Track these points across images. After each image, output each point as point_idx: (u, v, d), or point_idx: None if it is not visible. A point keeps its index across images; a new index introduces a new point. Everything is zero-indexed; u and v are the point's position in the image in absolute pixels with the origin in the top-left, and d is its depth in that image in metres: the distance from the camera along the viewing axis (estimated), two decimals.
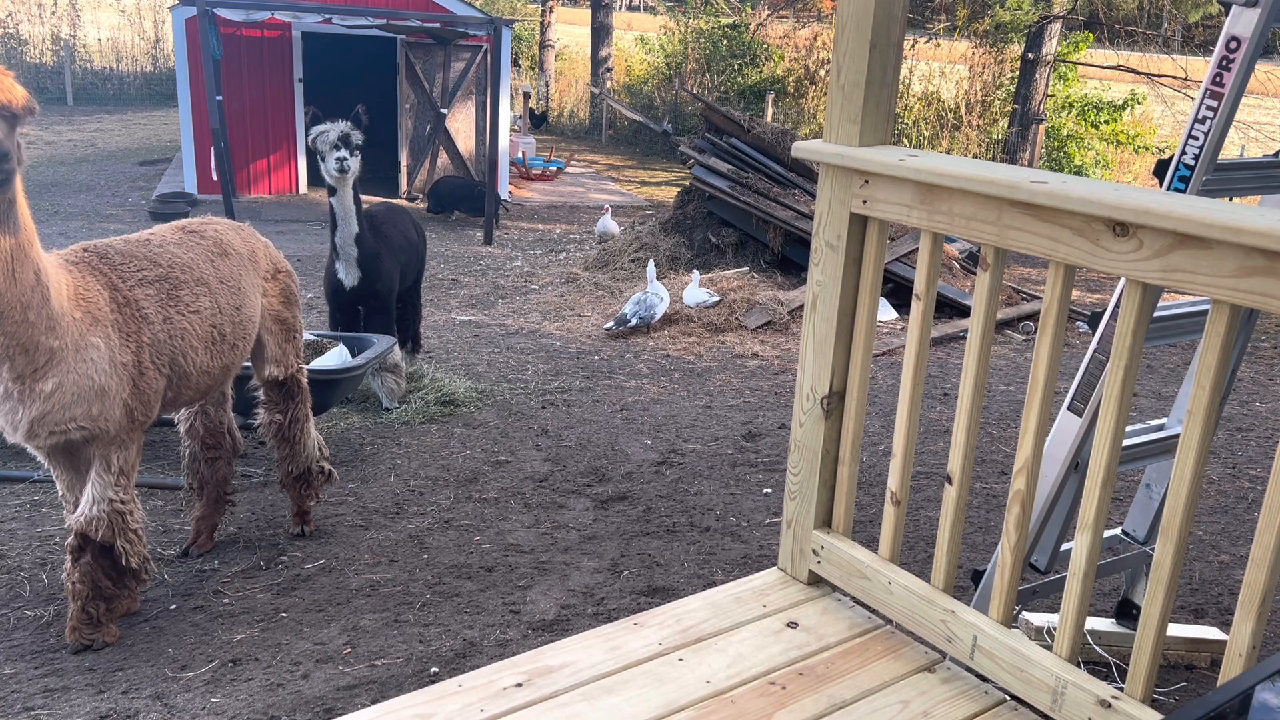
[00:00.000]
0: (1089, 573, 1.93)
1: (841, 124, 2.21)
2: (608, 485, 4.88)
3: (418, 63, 12.69)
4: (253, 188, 12.77)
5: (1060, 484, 2.74)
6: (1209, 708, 1.10)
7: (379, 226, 6.04)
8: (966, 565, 3.99)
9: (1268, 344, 7.87)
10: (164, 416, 5.41)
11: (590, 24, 21.64)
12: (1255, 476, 5.21)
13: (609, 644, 2.20)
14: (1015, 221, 1.90)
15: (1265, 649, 2.86)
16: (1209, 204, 1.68)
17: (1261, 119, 15.08)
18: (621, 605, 3.71)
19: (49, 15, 21.44)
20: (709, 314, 7.92)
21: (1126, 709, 1.83)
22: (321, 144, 5.49)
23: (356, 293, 5.88)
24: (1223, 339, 1.68)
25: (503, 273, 9.63)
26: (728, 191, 9.16)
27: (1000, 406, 6.28)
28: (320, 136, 5.48)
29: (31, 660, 3.27)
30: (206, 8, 9.70)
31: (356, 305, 6.05)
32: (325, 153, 5.47)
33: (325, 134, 5.47)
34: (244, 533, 4.23)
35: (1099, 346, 2.69)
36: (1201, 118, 2.50)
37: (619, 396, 6.21)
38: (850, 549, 2.36)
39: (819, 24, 18.60)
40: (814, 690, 2.07)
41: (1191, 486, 1.74)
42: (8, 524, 4.21)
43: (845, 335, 2.29)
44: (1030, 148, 13.95)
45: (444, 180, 12.58)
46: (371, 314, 6.09)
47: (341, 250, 5.73)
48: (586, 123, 20.96)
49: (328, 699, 3.10)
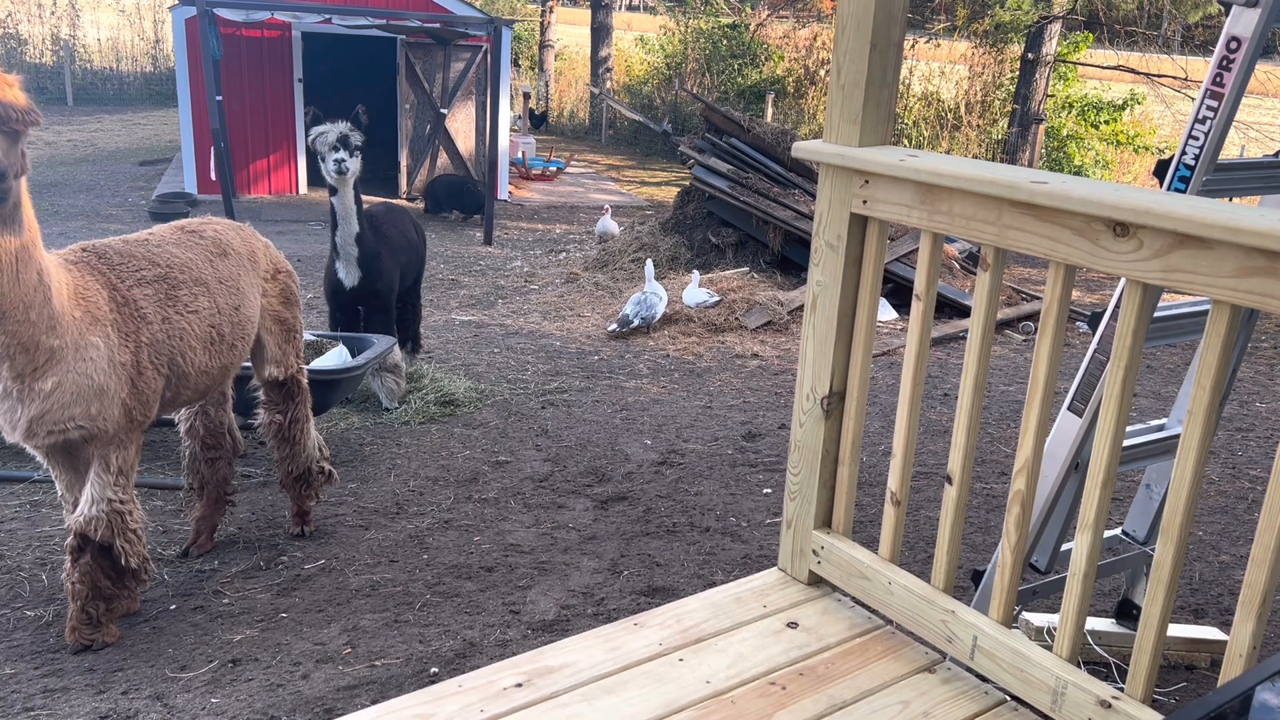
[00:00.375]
0: (1089, 573, 1.93)
1: (841, 124, 2.20)
2: (608, 485, 4.88)
3: (418, 63, 12.69)
4: (252, 188, 12.77)
5: (1060, 484, 2.74)
6: (1209, 708, 1.10)
7: (379, 226, 6.04)
8: (966, 565, 3.99)
9: (1268, 344, 7.87)
10: (164, 417, 5.42)
11: (590, 24, 21.64)
12: (1255, 476, 5.21)
13: (609, 644, 2.20)
14: (1015, 221, 1.90)
15: (1265, 649, 2.86)
16: (1209, 204, 1.67)
17: (1261, 119, 15.09)
18: (621, 605, 3.71)
19: (49, 15, 21.44)
20: (709, 314, 7.92)
21: (1127, 709, 1.83)
22: (321, 145, 5.50)
23: (356, 292, 5.88)
24: (1223, 339, 1.67)
25: (503, 273, 9.63)
26: (728, 191, 9.16)
27: (1000, 406, 6.28)
28: (320, 137, 5.48)
29: (31, 660, 3.27)
30: (206, 8, 9.70)
31: (356, 305, 6.05)
32: (324, 154, 5.48)
33: (324, 135, 5.47)
34: (244, 533, 4.23)
35: (1099, 346, 2.69)
36: (1201, 118, 2.50)
37: (619, 396, 6.21)
38: (850, 549, 2.36)
39: (819, 24, 18.59)
40: (814, 690, 2.07)
41: (1191, 486, 1.74)
42: (8, 524, 4.21)
43: (845, 335, 2.29)
44: (1030, 148, 13.95)
45: (440, 179, 12.60)
46: (371, 314, 6.09)
47: (342, 250, 5.73)
48: (586, 123, 20.96)
49: (328, 699, 3.10)
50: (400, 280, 6.21)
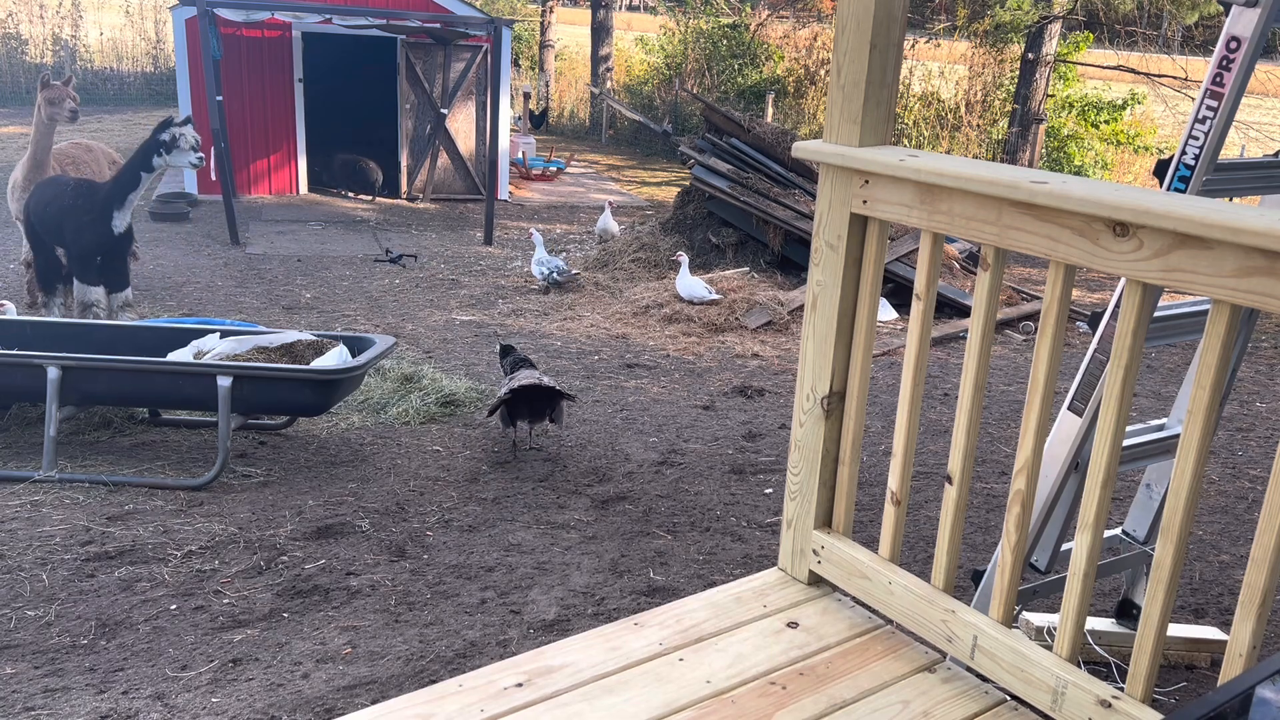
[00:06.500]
0: (1089, 573, 1.93)
1: (841, 124, 2.20)
2: (608, 485, 4.88)
3: (418, 63, 12.69)
4: (253, 188, 12.76)
5: (1060, 484, 2.75)
6: (1209, 708, 1.10)
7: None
8: (966, 565, 3.99)
9: (1268, 344, 7.87)
10: (172, 417, 5.43)
11: (590, 24, 21.62)
12: (1255, 476, 5.21)
13: (609, 644, 2.20)
14: (1015, 221, 1.90)
15: (1265, 649, 2.86)
16: (1209, 204, 1.67)
17: (1261, 119, 15.08)
18: (621, 605, 3.71)
19: (51, 15, 21.42)
20: (709, 314, 7.92)
21: (1127, 709, 1.83)
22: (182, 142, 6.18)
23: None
24: (1223, 339, 1.68)
25: (503, 273, 9.63)
26: (728, 191, 9.16)
27: (1000, 406, 6.28)
28: (181, 137, 6.21)
29: (31, 660, 3.28)
30: (206, 8, 9.70)
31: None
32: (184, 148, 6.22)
33: (184, 135, 6.20)
34: (244, 533, 4.23)
35: (1099, 346, 2.69)
36: (1201, 118, 2.50)
37: (619, 396, 6.21)
38: (850, 549, 2.36)
39: (819, 24, 18.57)
40: (814, 690, 2.07)
41: (1191, 486, 1.74)
42: (8, 524, 4.21)
43: (845, 335, 2.29)
44: (1030, 148, 13.94)
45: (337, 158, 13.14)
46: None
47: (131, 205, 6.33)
48: (586, 123, 20.95)
49: (328, 699, 3.10)
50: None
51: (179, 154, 6.20)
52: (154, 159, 6.18)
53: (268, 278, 8.94)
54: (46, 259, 6.77)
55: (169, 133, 6.15)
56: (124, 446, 5.15)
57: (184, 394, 4.89)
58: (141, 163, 6.19)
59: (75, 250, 6.35)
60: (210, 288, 8.47)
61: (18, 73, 20.05)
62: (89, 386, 4.79)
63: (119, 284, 6.44)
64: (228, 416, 4.68)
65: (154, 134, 6.17)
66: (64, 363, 4.66)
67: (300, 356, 5.09)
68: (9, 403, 5.26)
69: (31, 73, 19.74)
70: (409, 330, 7.50)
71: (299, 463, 5.02)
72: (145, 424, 5.43)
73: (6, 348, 5.10)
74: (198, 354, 5.05)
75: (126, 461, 4.94)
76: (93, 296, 6.31)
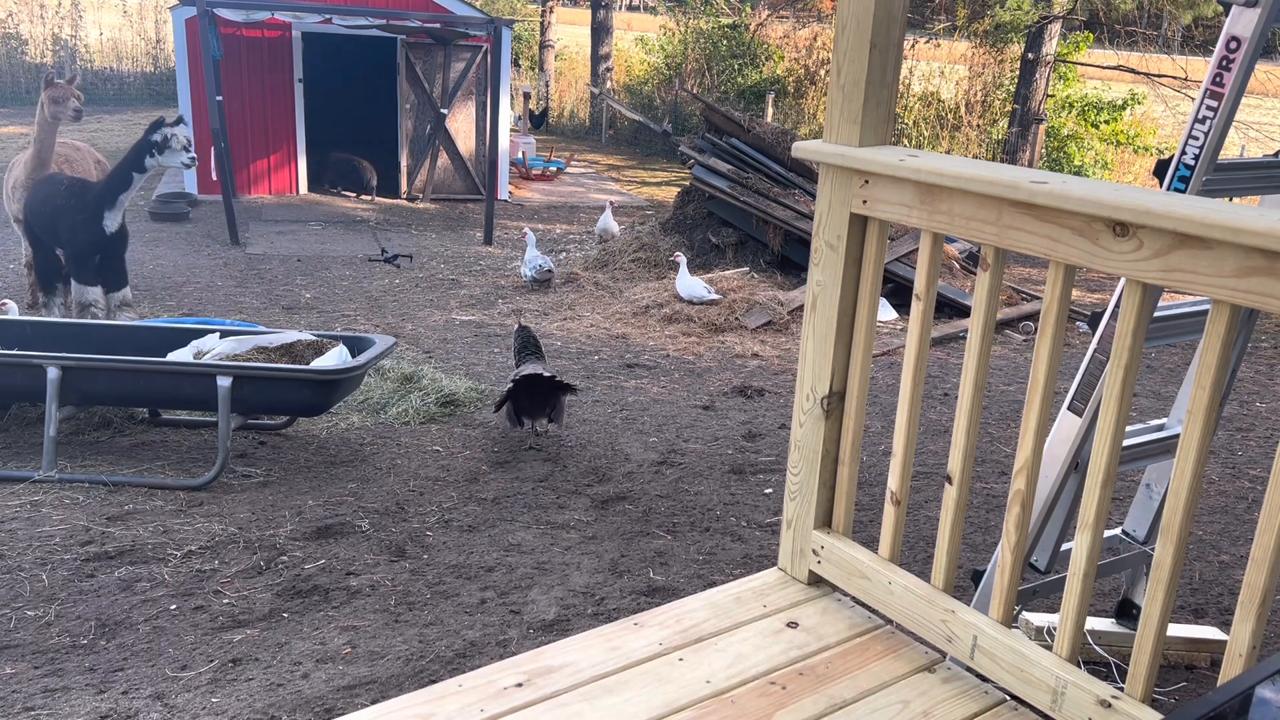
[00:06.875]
0: (1089, 573, 1.93)
1: (841, 124, 2.20)
2: (608, 485, 4.88)
3: (418, 63, 12.69)
4: (253, 188, 12.76)
5: (1060, 484, 2.75)
6: (1209, 708, 1.10)
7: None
8: (966, 565, 3.99)
9: (1268, 344, 7.87)
10: (172, 417, 5.43)
11: (590, 24, 21.62)
12: (1255, 476, 5.21)
13: (609, 644, 2.20)
14: (1015, 221, 1.90)
15: (1265, 649, 2.86)
16: (1209, 204, 1.67)
17: (1261, 119, 15.08)
18: (621, 605, 3.71)
19: (51, 15, 21.42)
20: (709, 314, 7.92)
21: (1126, 709, 1.83)
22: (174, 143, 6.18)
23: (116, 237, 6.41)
24: (1223, 339, 1.67)
25: (503, 273, 9.63)
26: (728, 191, 9.16)
27: (1000, 406, 6.28)
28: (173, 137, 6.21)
29: (31, 660, 3.28)
30: (206, 8, 9.70)
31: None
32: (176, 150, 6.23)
33: (176, 135, 6.19)
34: (244, 533, 4.23)
35: (1099, 346, 2.69)
36: (1201, 118, 2.50)
37: (619, 396, 6.21)
38: (850, 549, 2.36)
39: (819, 24, 18.57)
40: (814, 690, 2.07)
41: (1191, 486, 1.74)
42: (8, 524, 4.21)
43: (845, 335, 2.29)
44: (1030, 148, 13.94)
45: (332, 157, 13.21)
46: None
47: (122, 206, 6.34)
48: (586, 123, 20.95)
49: (328, 699, 3.10)
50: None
51: (171, 154, 6.19)
52: (146, 159, 6.18)
53: (267, 278, 8.94)
54: (46, 258, 6.77)
55: (161, 133, 6.14)
56: (124, 446, 5.15)
57: (184, 394, 4.89)
58: (133, 163, 6.19)
59: (70, 250, 6.36)
60: (210, 288, 8.47)
61: (18, 73, 20.05)
62: (89, 386, 4.79)
63: (116, 283, 6.45)
64: (228, 416, 4.69)
65: (146, 134, 6.16)
66: (64, 363, 4.66)
67: (300, 356, 5.09)
68: (9, 403, 5.26)
69: (31, 73, 19.75)
70: (409, 330, 7.50)
71: (299, 463, 5.02)
72: (145, 424, 5.43)
73: (7, 348, 5.10)
74: (198, 354, 5.05)
75: (126, 461, 4.94)
76: (90, 296, 6.31)
